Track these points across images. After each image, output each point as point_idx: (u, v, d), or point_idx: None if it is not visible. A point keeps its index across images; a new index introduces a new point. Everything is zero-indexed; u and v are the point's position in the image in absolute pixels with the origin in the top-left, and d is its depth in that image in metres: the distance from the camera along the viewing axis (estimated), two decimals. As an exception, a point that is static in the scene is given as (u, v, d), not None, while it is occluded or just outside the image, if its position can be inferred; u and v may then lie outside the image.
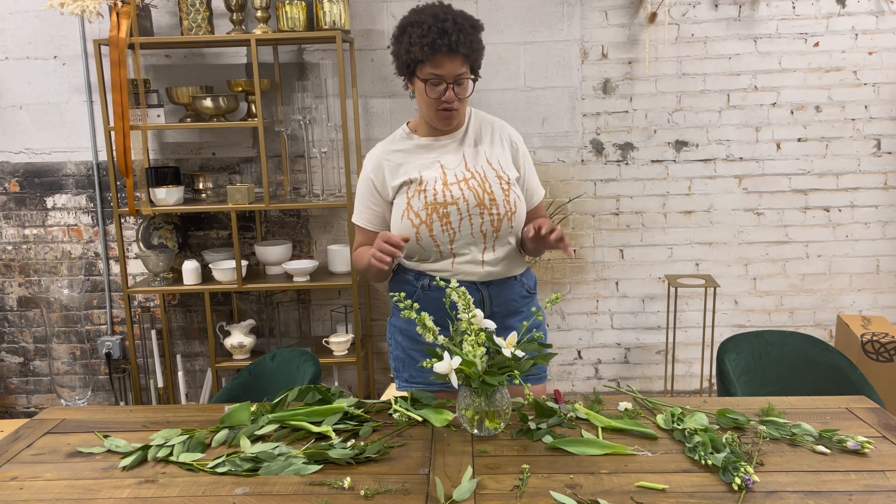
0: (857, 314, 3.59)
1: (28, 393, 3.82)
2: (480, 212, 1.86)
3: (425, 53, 1.77)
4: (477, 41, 1.83)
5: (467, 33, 1.78)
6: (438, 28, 1.76)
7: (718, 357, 2.27)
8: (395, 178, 1.92)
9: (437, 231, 1.86)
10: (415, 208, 1.87)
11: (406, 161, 1.93)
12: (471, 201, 1.86)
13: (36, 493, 1.45)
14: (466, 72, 1.83)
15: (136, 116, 3.19)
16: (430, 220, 1.86)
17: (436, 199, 1.86)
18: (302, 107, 3.22)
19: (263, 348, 3.54)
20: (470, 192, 1.86)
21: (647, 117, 3.49)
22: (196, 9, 3.14)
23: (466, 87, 1.85)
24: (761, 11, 3.38)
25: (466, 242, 1.89)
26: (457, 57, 1.79)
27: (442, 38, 1.75)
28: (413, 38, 1.78)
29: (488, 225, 1.87)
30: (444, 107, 1.84)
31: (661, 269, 3.62)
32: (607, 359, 3.73)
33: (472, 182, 1.88)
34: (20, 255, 3.66)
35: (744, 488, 1.37)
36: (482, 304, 1.92)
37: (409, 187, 1.89)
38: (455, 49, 1.77)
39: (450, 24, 1.76)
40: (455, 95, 1.83)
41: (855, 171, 3.50)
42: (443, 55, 1.77)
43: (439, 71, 1.80)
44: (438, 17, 1.77)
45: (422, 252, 1.91)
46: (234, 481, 1.46)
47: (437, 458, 1.53)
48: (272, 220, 3.62)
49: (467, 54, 1.80)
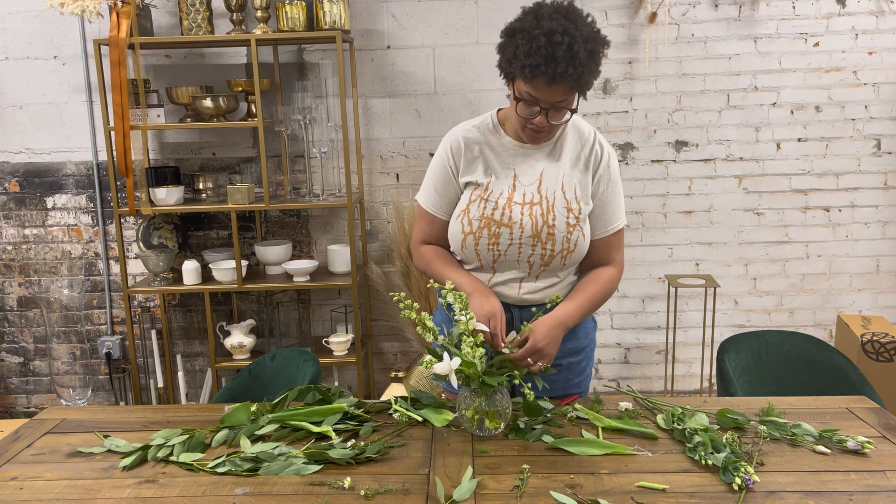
0: (857, 314, 3.59)
1: (28, 393, 3.82)
2: (533, 243, 1.72)
3: (525, 75, 1.56)
4: (588, 74, 1.56)
5: (579, 64, 1.52)
6: (548, 53, 1.51)
7: (718, 357, 2.27)
8: (467, 171, 1.77)
9: (483, 247, 1.74)
10: (471, 214, 1.75)
11: (483, 156, 1.77)
12: (526, 230, 1.71)
13: (36, 493, 1.45)
14: (570, 100, 1.61)
15: (136, 116, 3.19)
16: (479, 233, 1.73)
17: (493, 214, 1.72)
18: (302, 107, 3.22)
19: (263, 348, 3.54)
20: (530, 219, 1.71)
21: (647, 117, 3.49)
22: (196, 9, 3.14)
23: (563, 114, 1.63)
24: (761, 11, 3.38)
25: (510, 267, 1.76)
26: (560, 86, 1.56)
27: (548, 65, 1.52)
28: (519, 49, 1.56)
29: (538, 258, 1.74)
30: (533, 128, 1.66)
31: (661, 269, 3.62)
32: (607, 359, 3.73)
33: (536, 209, 1.71)
34: (20, 255, 3.66)
35: (744, 488, 1.37)
36: (511, 325, 1.79)
37: (474, 189, 1.76)
38: (559, 79, 1.54)
39: (563, 51, 1.51)
40: (547, 121, 1.63)
41: (855, 171, 3.50)
42: (543, 79, 1.55)
43: (536, 94, 1.59)
44: (553, 38, 1.51)
45: (464, 256, 1.81)
46: (234, 481, 1.46)
47: (437, 458, 1.53)
48: (272, 220, 3.62)
49: (573, 87, 1.57)
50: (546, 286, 1.79)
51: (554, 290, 1.80)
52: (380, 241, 3.62)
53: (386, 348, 3.76)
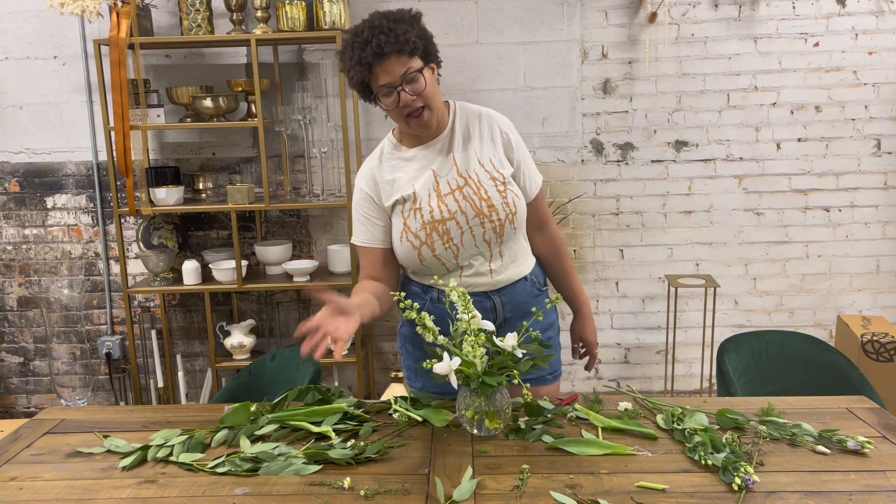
0: (857, 314, 3.59)
1: (28, 393, 3.82)
2: (480, 221, 1.77)
3: (359, 73, 1.67)
4: (403, 31, 1.65)
5: (387, 31, 1.63)
6: (359, 42, 1.65)
7: (718, 357, 2.27)
8: (389, 196, 1.82)
9: (440, 250, 1.78)
10: (413, 229, 1.78)
11: (397, 176, 1.82)
12: (469, 212, 1.77)
13: (36, 493, 1.45)
14: (412, 67, 1.67)
15: (136, 116, 3.19)
16: (430, 239, 1.77)
17: (433, 216, 1.77)
18: (302, 107, 3.22)
19: (263, 348, 3.54)
20: (466, 201, 1.77)
21: (647, 117, 3.49)
22: (196, 9, 3.14)
23: (419, 81, 1.68)
24: (761, 11, 3.38)
25: (471, 254, 1.81)
26: (388, 59, 1.65)
27: (364, 50, 1.64)
28: (349, 64, 1.68)
29: (491, 233, 1.79)
30: (407, 112, 1.71)
31: (661, 269, 3.62)
32: (607, 359, 3.73)
33: (466, 190, 1.78)
34: (20, 255, 3.66)
35: (744, 488, 1.37)
36: (494, 312, 1.86)
37: (403, 206, 1.80)
38: (381, 52, 1.63)
39: (367, 32, 1.65)
40: (410, 95, 1.68)
41: (855, 171, 3.50)
42: (374, 65, 1.65)
43: (382, 80, 1.67)
44: (356, 32, 1.67)
45: (428, 270, 1.84)
46: (234, 481, 1.46)
47: (437, 458, 1.53)
48: (272, 220, 3.62)
49: (398, 50, 1.64)
50: (511, 260, 1.87)
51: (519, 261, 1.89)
52: (380, 241, 3.62)
53: (386, 348, 3.76)
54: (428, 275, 1.85)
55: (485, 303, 1.84)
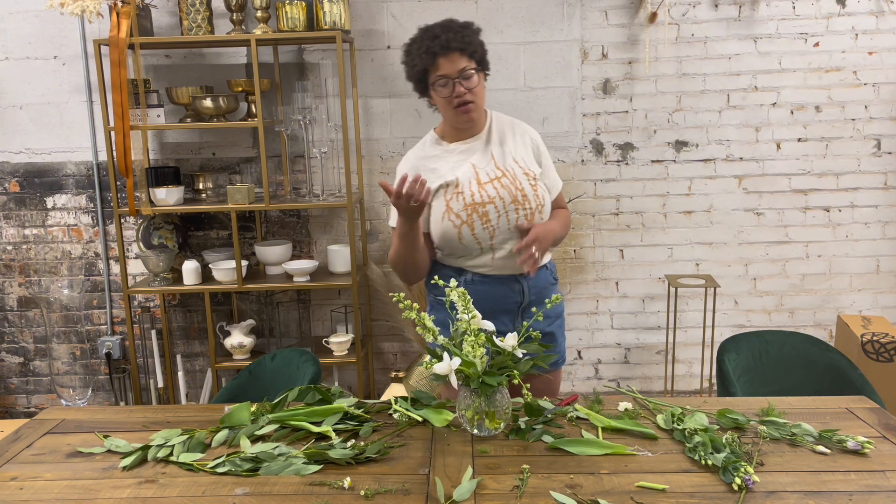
0: (857, 314, 3.59)
1: (28, 393, 3.82)
2: (515, 208, 1.97)
3: (425, 60, 1.93)
4: (469, 35, 1.95)
5: (456, 31, 1.93)
6: (430, 35, 1.93)
7: (718, 357, 2.27)
8: (431, 182, 1.98)
9: (479, 230, 1.97)
10: (454, 210, 1.97)
11: (438, 165, 2.03)
12: (506, 198, 1.97)
13: (36, 493, 1.45)
14: (469, 65, 1.94)
15: (136, 116, 3.19)
16: (470, 219, 1.96)
17: (473, 199, 1.96)
18: (302, 107, 3.22)
19: (263, 348, 3.54)
20: (504, 189, 1.98)
21: (647, 117, 3.49)
22: (196, 9, 3.14)
23: (473, 79, 1.95)
24: (761, 11, 3.38)
25: (504, 238, 1.98)
26: (452, 53, 1.92)
27: (434, 42, 1.91)
28: (414, 54, 1.96)
29: (522, 219, 1.99)
30: (457, 103, 1.94)
31: (661, 269, 3.62)
32: (607, 359, 3.73)
33: (503, 180, 1.99)
34: (20, 255, 3.66)
35: (744, 488, 1.37)
36: (522, 294, 2.03)
37: (445, 190, 1.99)
38: (448, 46, 1.91)
39: (439, 29, 1.93)
40: (464, 88, 1.93)
41: (855, 171, 3.50)
42: (439, 55, 1.92)
43: (441, 71, 1.93)
44: (429, 29, 1.96)
45: (464, 250, 2.00)
46: (234, 481, 1.47)
47: (437, 458, 1.53)
48: (272, 220, 3.62)
49: (462, 48, 1.92)
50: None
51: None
52: (380, 241, 3.62)
53: (386, 348, 3.76)
54: (463, 256, 2.02)
55: (514, 285, 2.03)
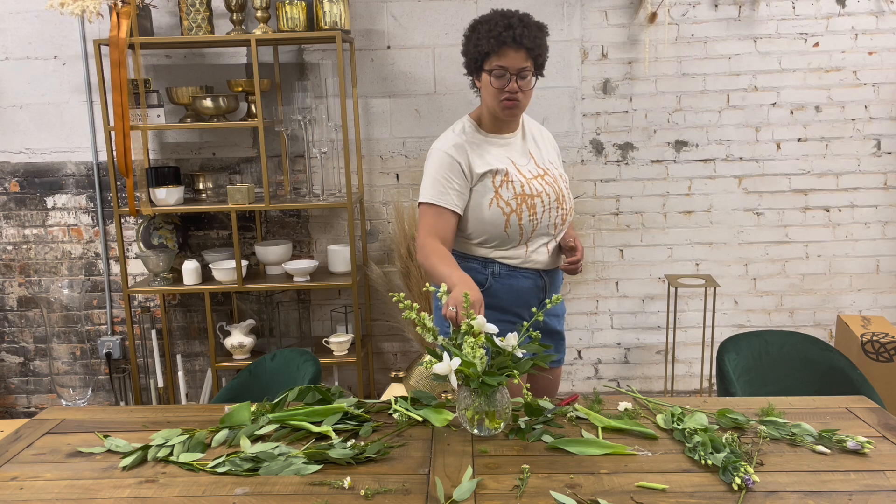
0: (857, 314, 3.59)
1: (28, 393, 3.82)
2: (557, 206, 2.02)
3: (492, 45, 1.88)
4: (541, 38, 1.93)
5: (532, 29, 1.90)
6: (505, 23, 1.88)
7: (718, 357, 2.27)
8: (480, 165, 1.97)
9: (525, 220, 1.97)
10: (504, 197, 1.96)
11: (484, 152, 2.00)
12: (551, 195, 2.01)
13: (36, 493, 1.45)
14: (530, 66, 1.92)
15: (136, 116, 3.19)
16: (520, 209, 1.96)
17: (524, 190, 1.97)
18: (302, 107, 3.22)
19: (263, 348, 3.54)
20: (549, 186, 2.01)
21: (647, 117, 3.49)
22: (196, 9, 3.14)
23: (529, 80, 1.94)
24: (761, 11, 3.38)
25: (541, 233, 2.02)
26: (521, 49, 1.88)
27: (507, 31, 1.87)
28: (481, 33, 1.90)
29: (560, 219, 2.04)
30: (507, 97, 1.92)
31: (661, 269, 3.62)
32: (607, 359, 3.73)
33: (546, 178, 2.03)
34: (20, 255, 3.66)
35: (744, 488, 1.37)
36: (544, 291, 2.07)
37: (494, 177, 1.97)
38: (520, 41, 1.87)
39: (516, 21, 1.89)
40: (518, 87, 1.91)
41: (855, 171, 3.50)
42: (508, 47, 1.88)
43: (504, 62, 1.89)
44: (506, 15, 1.91)
45: (504, 239, 1.99)
46: (234, 481, 1.47)
47: (437, 458, 1.53)
48: (272, 220, 3.62)
49: (531, 48, 1.89)
50: (557, 248, 2.10)
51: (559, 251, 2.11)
52: (380, 241, 3.62)
53: (386, 348, 3.76)
54: (497, 245, 2.00)
55: (538, 281, 2.06)
